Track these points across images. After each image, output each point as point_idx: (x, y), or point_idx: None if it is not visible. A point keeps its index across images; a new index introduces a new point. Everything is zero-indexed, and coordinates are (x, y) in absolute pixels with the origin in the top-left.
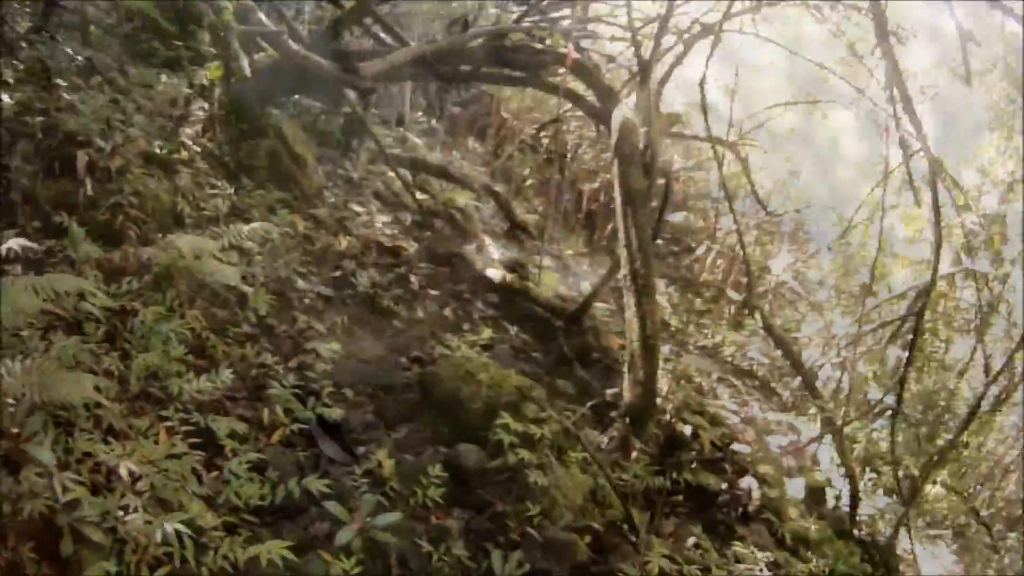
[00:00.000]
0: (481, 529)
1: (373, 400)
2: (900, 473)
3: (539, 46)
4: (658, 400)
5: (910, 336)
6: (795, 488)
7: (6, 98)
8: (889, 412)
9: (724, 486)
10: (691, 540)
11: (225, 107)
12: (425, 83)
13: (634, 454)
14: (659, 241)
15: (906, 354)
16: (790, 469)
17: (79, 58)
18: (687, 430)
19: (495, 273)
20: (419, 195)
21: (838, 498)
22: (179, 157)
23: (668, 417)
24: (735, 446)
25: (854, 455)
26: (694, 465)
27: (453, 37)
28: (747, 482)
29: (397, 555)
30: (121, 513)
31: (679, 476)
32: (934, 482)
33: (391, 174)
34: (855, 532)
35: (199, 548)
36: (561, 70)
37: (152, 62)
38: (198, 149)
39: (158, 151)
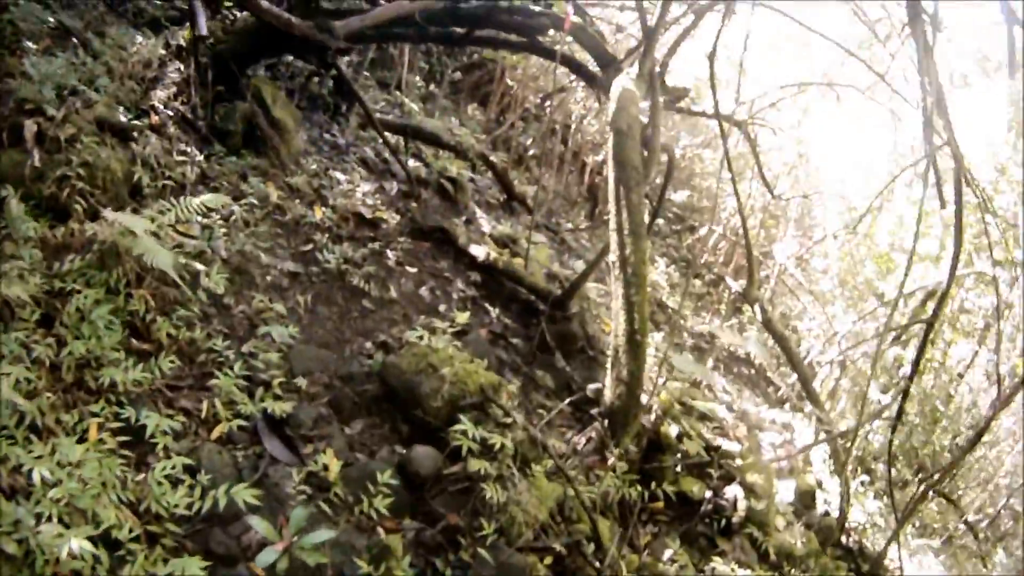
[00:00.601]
0: (431, 544)
1: (329, 391)
2: (892, 474)
3: (536, 8)
4: (643, 398)
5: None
6: (785, 489)
7: None
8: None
9: (708, 495)
10: (668, 553)
11: (202, 69)
12: (426, 47)
13: (612, 460)
14: (660, 220)
15: (909, 356)
16: (780, 470)
17: (51, 20)
18: (673, 431)
19: (479, 250)
20: (410, 163)
21: (828, 502)
22: (148, 122)
23: (653, 417)
24: (725, 443)
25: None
26: (678, 469)
27: None
28: (733, 491)
29: (336, 572)
30: (33, 523)
31: (660, 484)
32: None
33: (381, 140)
34: (843, 540)
35: (117, 560)
36: (565, 37)
37: (137, 23)
38: (170, 113)
39: (123, 117)
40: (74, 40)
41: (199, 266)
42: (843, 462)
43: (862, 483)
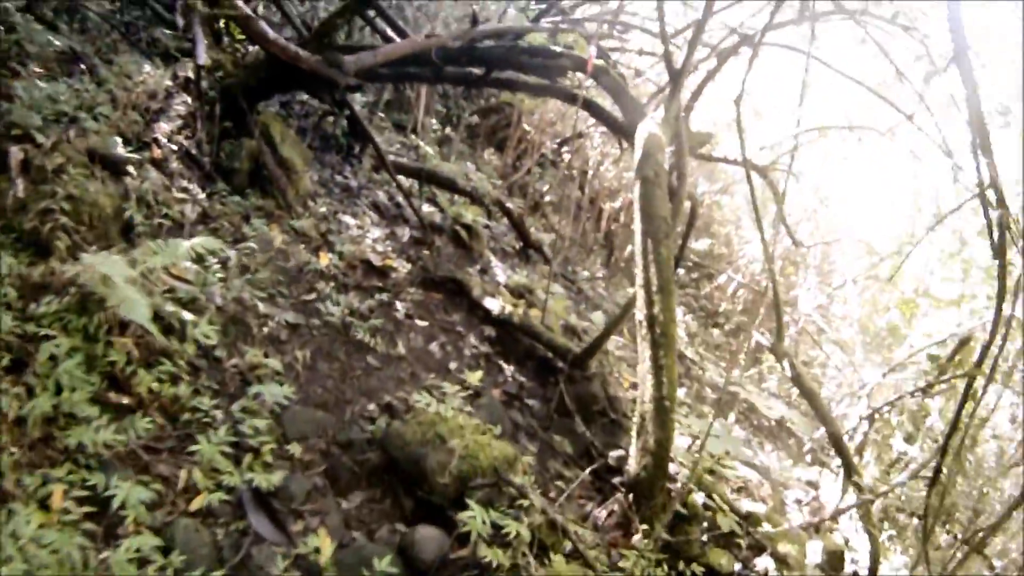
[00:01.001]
0: None
1: (325, 459)
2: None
3: (557, 49)
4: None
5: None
6: (812, 551)
7: None
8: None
9: (738, 567)
10: None
11: (209, 102)
12: (443, 90)
13: (636, 536)
14: (680, 270)
15: (934, 405)
16: (807, 529)
17: (57, 43)
18: (698, 498)
19: (494, 303)
20: (424, 208)
21: (856, 561)
22: (149, 155)
23: (680, 486)
24: (750, 505)
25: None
26: (705, 539)
27: (457, 33)
28: (764, 563)
29: None
30: None
31: (688, 559)
32: (948, 532)
33: (395, 184)
34: None
35: None
36: (586, 80)
37: (150, 53)
38: (173, 148)
39: (120, 149)
40: (81, 66)
41: (187, 315)
42: (873, 521)
43: (889, 537)
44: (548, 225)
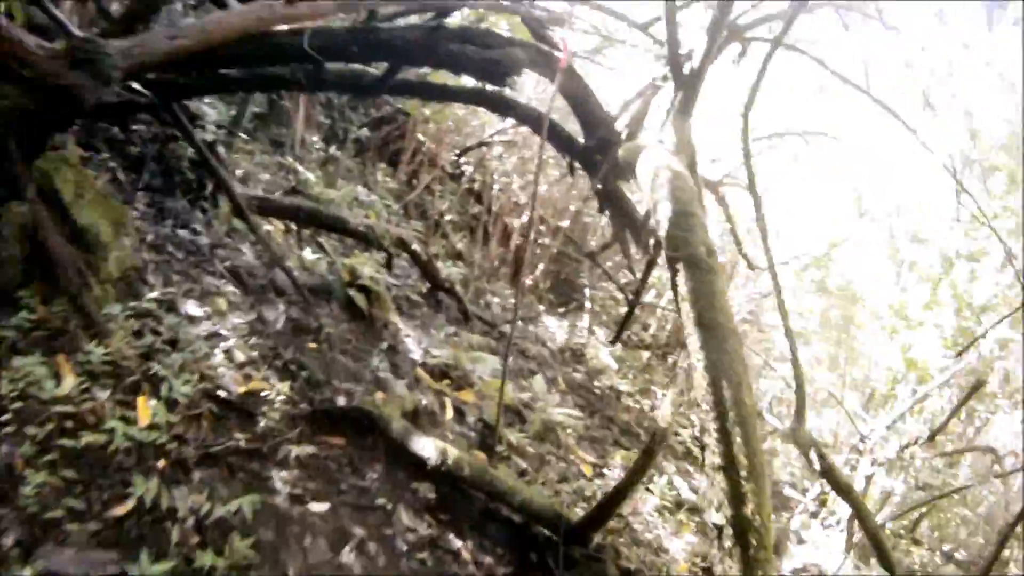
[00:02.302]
0: None
1: None
2: None
3: (505, 34)
4: None
5: None
6: None
7: None
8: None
9: None
10: None
11: None
12: (326, 98)
13: None
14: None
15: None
16: None
17: None
18: None
19: (428, 447)
20: (307, 252)
21: None
22: None
23: None
24: None
25: None
26: None
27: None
28: None
29: None
30: None
31: None
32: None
33: (268, 228)
34: None
35: None
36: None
37: None
38: None
39: None
40: None
41: None
42: None
43: None
44: (451, 247)
